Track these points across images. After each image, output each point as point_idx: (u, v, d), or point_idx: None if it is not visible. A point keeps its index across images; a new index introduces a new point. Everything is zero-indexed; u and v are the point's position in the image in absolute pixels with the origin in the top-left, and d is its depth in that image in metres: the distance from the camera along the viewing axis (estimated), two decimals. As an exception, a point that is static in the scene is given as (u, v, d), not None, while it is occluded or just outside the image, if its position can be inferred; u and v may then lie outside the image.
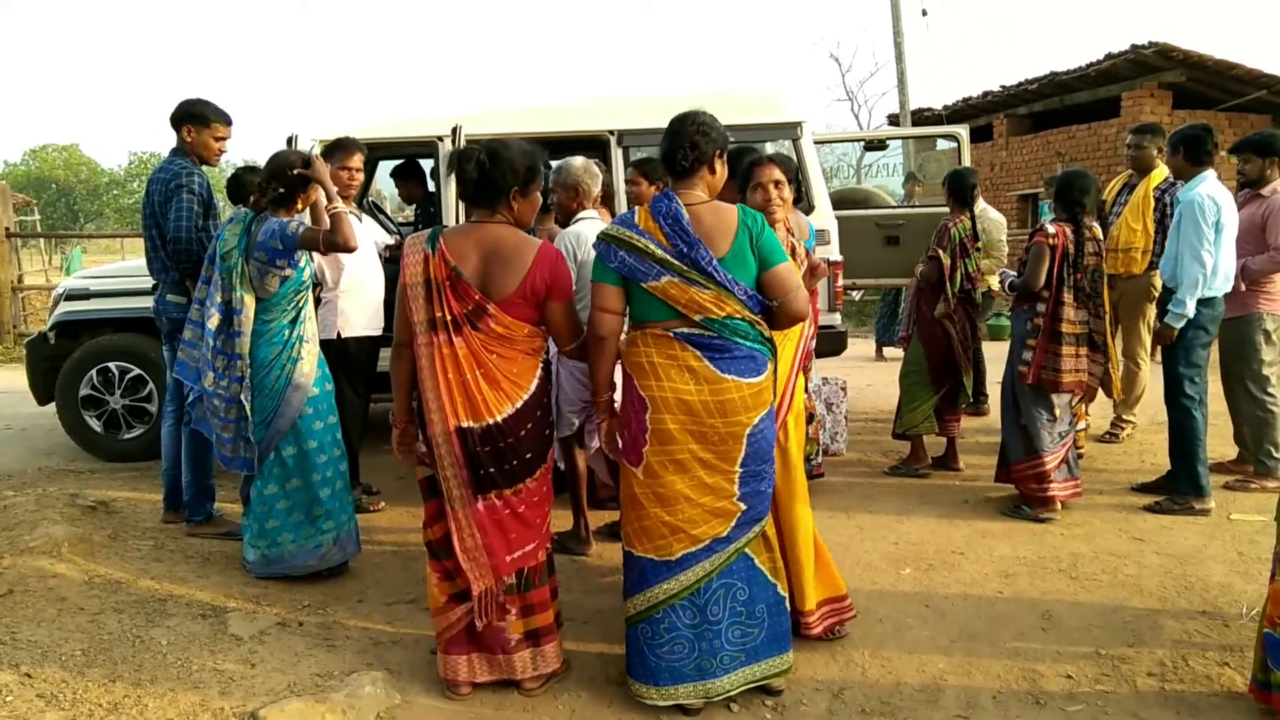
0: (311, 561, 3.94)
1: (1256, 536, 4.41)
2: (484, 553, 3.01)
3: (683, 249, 2.88)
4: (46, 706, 2.83)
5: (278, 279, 3.83)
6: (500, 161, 2.98)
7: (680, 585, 2.97)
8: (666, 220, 2.91)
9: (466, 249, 2.96)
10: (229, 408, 3.88)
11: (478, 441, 2.94)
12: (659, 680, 3.00)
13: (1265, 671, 2.95)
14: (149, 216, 4.48)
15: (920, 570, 4.18)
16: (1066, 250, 4.74)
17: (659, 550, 2.97)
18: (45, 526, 4.18)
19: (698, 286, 2.87)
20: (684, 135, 2.98)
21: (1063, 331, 4.73)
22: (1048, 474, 4.77)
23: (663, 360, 2.91)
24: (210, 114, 4.49)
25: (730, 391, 2.89)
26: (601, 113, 6.21)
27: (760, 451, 2.99)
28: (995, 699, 3.14)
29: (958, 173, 5.72)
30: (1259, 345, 5.03)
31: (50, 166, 55.16)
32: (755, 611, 3.04)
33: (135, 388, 5.83)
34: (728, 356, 2.90)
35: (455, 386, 2.92)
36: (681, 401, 2.89)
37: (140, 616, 3.49)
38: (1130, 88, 12.91)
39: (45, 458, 6.06)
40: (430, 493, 3.12)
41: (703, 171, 3.01)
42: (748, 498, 2.99)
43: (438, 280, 2.93)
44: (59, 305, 6.06)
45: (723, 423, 2.90)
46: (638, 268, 2.90)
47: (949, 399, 5.59)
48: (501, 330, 2.95)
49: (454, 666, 3.11)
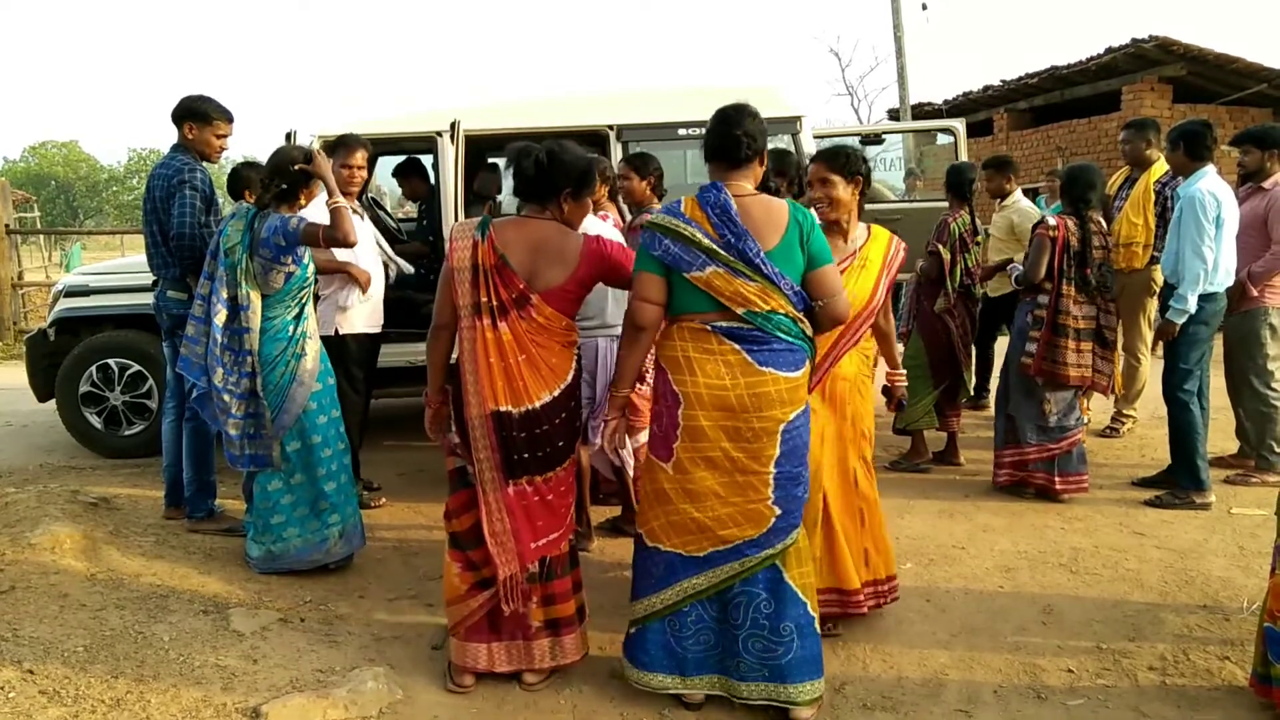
0: (317, 556, 3.95)
1: (1257, 531, 4.42)
2: (511, 538, 3.02)
3: (730, 239, 2.82)
4: (49, 703, 2.83)
5: (282, 275, 3.83)
6: (557, 162, 3.05)
7: (709, 582, 2.92)
8: (714, 210, 2.86)
9: (515, 240, 3.01)
10: (240, 404, 3.87)
11: (515, 426, 2.97)
12: (686, 670, 2.97)
13: (1265, 665, 2.95)
14: (150, 212, 4.47)
15: (921, 565, 4.19)
16: (1068, 243, 4.80)
17: (687, 546, 2.92)
18: (47, 523, 4.18)
19: (743, 278, 2.82)
20: (741, 125, 2.93)
21: (1064, 325, 4.81)
22: (1026, 463, 4.98)
23: (699, 355, 2.87)
24: (212, 111, 4.48)
25: (767, 385, 2.83)
26: (601, 107, 6.20)
27: (795, 451, 2.91)
28: (996, 693, 3.15)
29: (956, 167, 5.72)
30: (1264, 339, 5.02)
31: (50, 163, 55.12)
32: (780, 629, 2.90)
33: (135, 384, 5.83)
34: (767, 349, 2.84)
35: (497, 370, 2.95)
36: (716, 396, 2.84)
37: (142, 613, 3.49)
38: (1131, 82, 12.89)
39: (46, 454, 6.06)
40: (460, 483, 3.13)
41: (755, 164, 2.98)
42: (782, 501, 2.89)
43: (485, 266, 2.96)
44: (58, 301, 6.06)
45: (757, 418, 2.84)
46: (683, 257, 2.85)
47: (949, 394, 5.59)
48: (542, 321, 2.98)
49: (474, 654, 3.12)
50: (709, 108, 3.07)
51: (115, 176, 56.47)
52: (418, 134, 6.03)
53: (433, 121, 5.82)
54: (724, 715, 2.99)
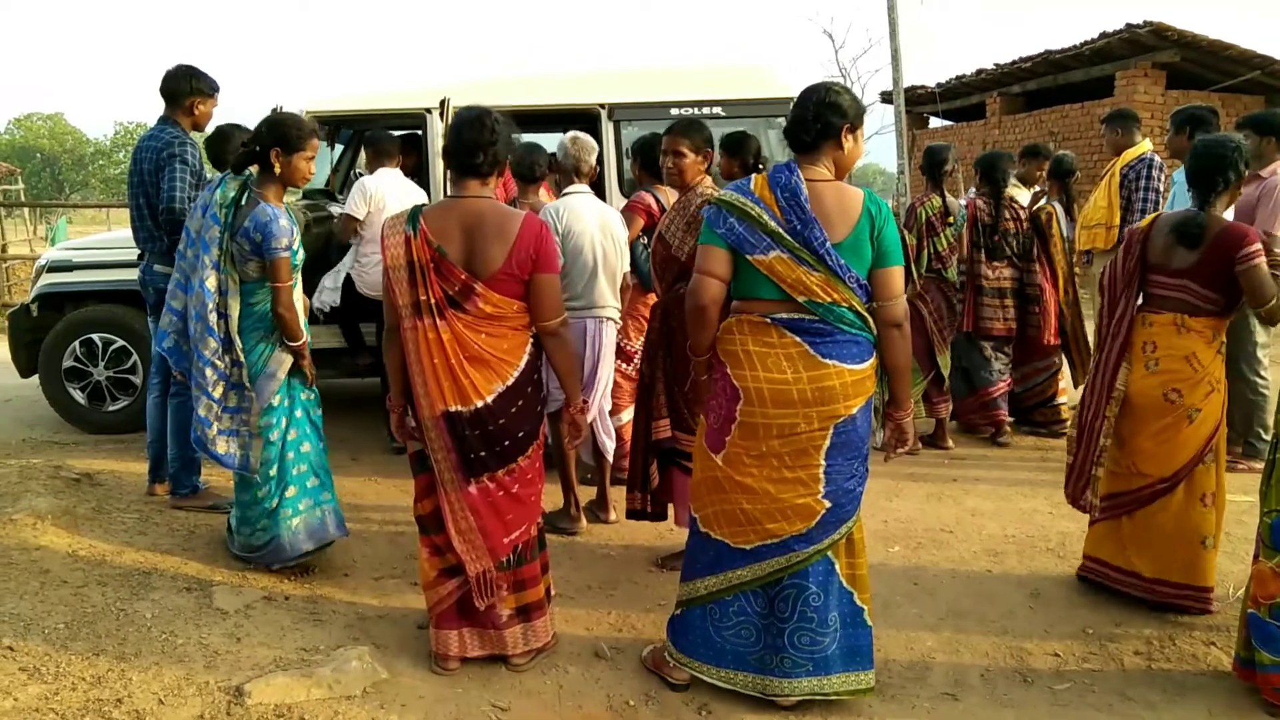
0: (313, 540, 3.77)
1: (1244, 517, 4.42)
2: (479, 534, 2.98)
3: (796, 226, 2.71)
4: (29, 680, 2.80)
5: (259, 266, 3.59)
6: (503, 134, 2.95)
7: (754, 574, 2.85)
8: (784, 193, 2.74)
9: (449, 226, 2.89)
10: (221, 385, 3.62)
11: (467, 425, 2.91)
12: (722, 662, 2.92)
13: (1249, 650, 2.97)
14: (136, 185, 4.40)
15: (909, 548, 4.19)
16: (978, 219, 5.69)
17: (736, 537, 2.85)
18: (29, 499, 4.15)
19: (806, 267, 2.70)
20: (809, 106, 2.79)
21: (982, 285, 5.69)
22: (994, 400, 5.74)
23: (759, 349, 2.76)
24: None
25: (831, 378, 2.73)
26: (593, 85, 6.12)
27: (850, 444, 2.80)
28: (983, 677, 3.15)
29: (930, 149, 5.70)
30: (1252, 327, 5.02)
31: (35, 136, 54.44)
32: (828, 619, 2.85)
33: (119, 359, 5.77)
34: (830, 341, 2.73)
35: (442, 371, 2.87)
36: (778, 392, 2.73)
37: (125, 590, 3.46)
38: (1124, 67, 12.86)
39: (29, 429, 6.00)
40: (420, 467, 3.09)
41: (827, 147, 2.80)
42: (834, 495, 2.80)
43: (421, 263, 2.85)
44: (41, 277, 5.99)
45: (817, 412, 2.73)
46: (747, 237, 2.74)
47: (935, 380, 5.59)
48: (491, 309, 2.89)
49: (445, 641, 3.10)
50: (702, 86, 3.02)
51: (101, 150, 55.80)
52: (408, 110, 5.96)
53: (423, 98, 5.76)
54: (707, 698, 2.97)
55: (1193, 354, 3.39)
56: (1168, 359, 3.41)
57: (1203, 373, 3.38)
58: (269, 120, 3.64)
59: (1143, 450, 3.47)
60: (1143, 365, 3.46)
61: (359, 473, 5.16)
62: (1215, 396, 3.40)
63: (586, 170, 4.32)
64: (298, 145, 3.58)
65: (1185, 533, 3.43)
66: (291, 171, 3.61)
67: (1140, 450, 3.47)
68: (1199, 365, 3.38)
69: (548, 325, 2.98)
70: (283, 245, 3.51)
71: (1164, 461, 3.43)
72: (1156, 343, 3.45)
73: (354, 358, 5.81)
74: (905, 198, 13.00)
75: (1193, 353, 3.39)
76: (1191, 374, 3.38)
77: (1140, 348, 3.47)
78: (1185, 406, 3.38)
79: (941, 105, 16.20)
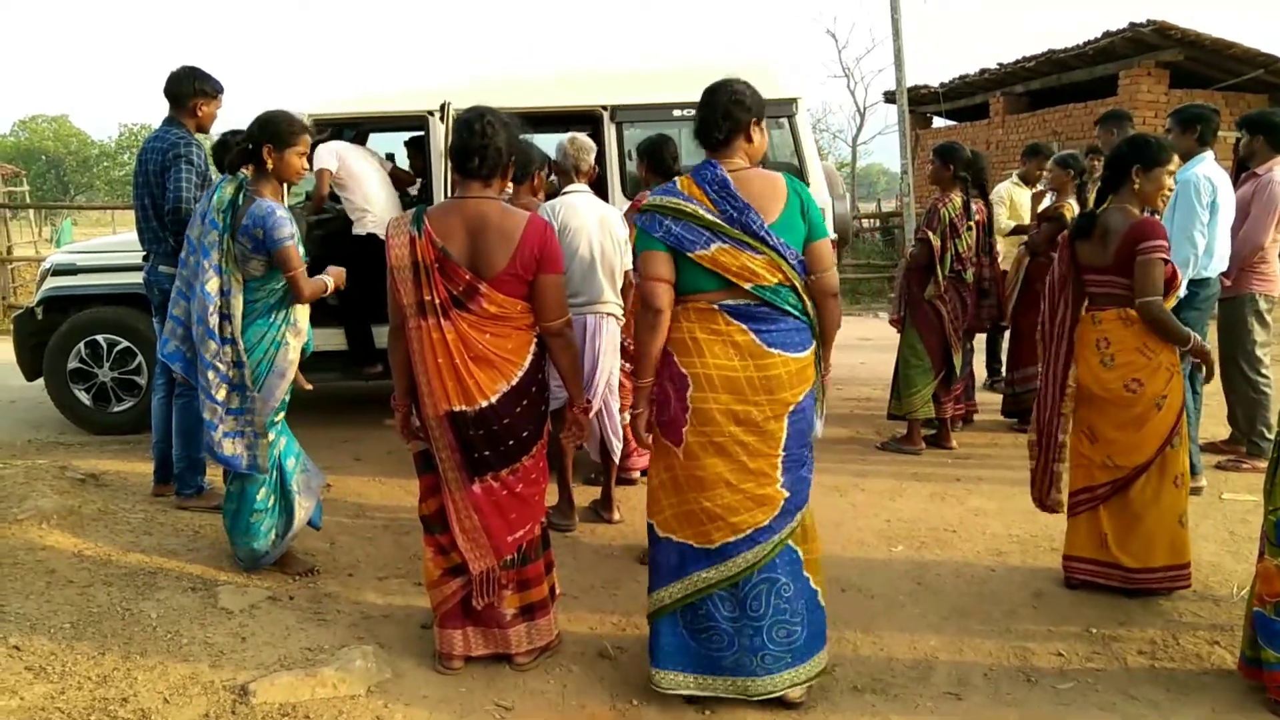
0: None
1: (1248, 516, 4.42)
2: (483, 534, 2.99)
3: (732, 214, 2.78)
4: (35, 679, 2.81)
5: (262, 263, 3.58)
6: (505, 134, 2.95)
7: (721, 575, 2.85)
8: (713, 187, 2.81)
9: (453, 228, 2.90)
10: (224, 387, 3.59)
11: (471, 425, 2.91)
12: (700, 668, 2.91)
13: (1254, 648, 2.97)
14: (142, 186, 4.42)
15: (913, 548, 4.19)
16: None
17: (699, 537, 2.85)
18: (35, 499, 4.16)
19: (750, 251, 2.77)
20: (717, 106, 2.88)
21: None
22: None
23: (706, 336, 2.81)
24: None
25: (777, 366, 2.79)
26: (594, 87, 6.12)
27: (800, 433, 2.87)
28: (986, 676, 3.15)
29: (973, 154, 5.75)
30: (1252, 325, 5.03)
31: (40, 138, 54.54)
32: (798, 608, 2.89)
33: (124, 360, 5.78)
34: (774, 330, 2.80)
35: (446, 371, 2.88)
36: (726, 379, 2.79)
37: (130, 589, 3.47)
38: (1128, 66, 12.84)
39: (35, 430, 6.02)
40: (424, 467, 3.09)
41: (738, 142, 2.90)
42: (791, 484, 2.86)
43: (425, 263, 2.86)
44: (45, 280, 6.00)
45: (768, 401, 2.79)
46: (685, 236, 2.79)
47: (944, 381, 5.58)
48: (495, 309, 2.89)
49: (449, 640, 3.10)
50: (703, 87, 3.02)
51: (106, 151, 55.86)
52: (409, 113, 5.97)
53: (424, 100, 5.76)
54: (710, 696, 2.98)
55: (1144, 344, 3.52)
56: (1122, 352, 3.54)
57: (1157, 360, 3.51)
58: (260, 118, 3.66)
59: (1116, 442, 3.57)
60: (1099, 361, 3.57)
61: (362, 473, 5.17)
62: (1176, 380, 3.53)
63: (585, 170, 4.32)
64: (289, 141, 3.59)
65: (1165, 515, 3.55)
66: (285, 167, 3.61)
67: (1114, 442, 3.57)
68: (1151, 353, 3.51)
69: (551, 325, 3.00)
70: (286, 234, 3.51)
71: (1138, 450, 3.54)
72: (1109, 338, 3.57)
73: (365, 365, 5.83)
74: (909, 197, 13.01)
75: (1143, 343, 3.52)
76: (1146, 363, 3.51)
77: (1095, 345, 3.59)
78: (1150, 395, 3.50)
79: (945, 105, 16.20)
